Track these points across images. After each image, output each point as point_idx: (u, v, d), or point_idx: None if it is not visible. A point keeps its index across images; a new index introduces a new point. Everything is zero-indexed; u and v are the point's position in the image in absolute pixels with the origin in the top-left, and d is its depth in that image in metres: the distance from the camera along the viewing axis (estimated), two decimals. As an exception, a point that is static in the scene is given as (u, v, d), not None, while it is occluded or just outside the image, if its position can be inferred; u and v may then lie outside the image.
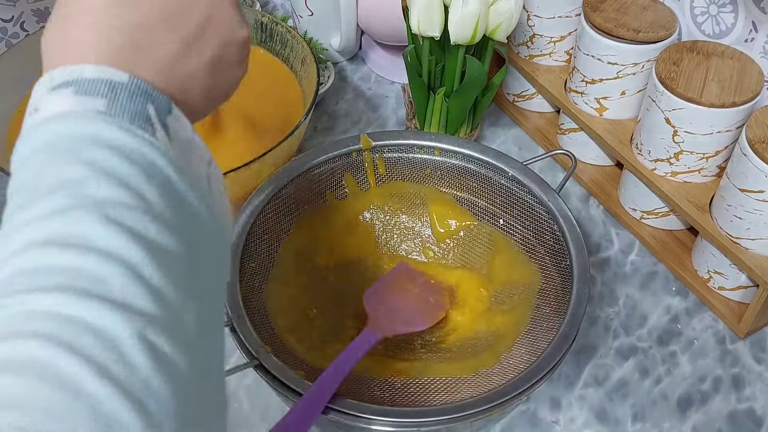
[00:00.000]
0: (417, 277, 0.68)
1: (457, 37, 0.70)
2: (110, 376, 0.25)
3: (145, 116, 0.31)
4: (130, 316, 0.27)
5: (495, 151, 0.69)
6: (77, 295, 0.26)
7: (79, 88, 0.31)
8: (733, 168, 0.66)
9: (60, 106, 0.30)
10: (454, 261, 0.71)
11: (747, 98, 0.66)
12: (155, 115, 0.32)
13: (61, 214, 0.28)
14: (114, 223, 0.28)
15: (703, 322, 0.72)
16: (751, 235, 0.66)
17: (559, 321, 0.58)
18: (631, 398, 0.67)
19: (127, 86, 0.31)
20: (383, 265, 0.70)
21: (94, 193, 0.29)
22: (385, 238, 0.71)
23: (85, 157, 0.29)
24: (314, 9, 0.93)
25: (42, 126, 0.30)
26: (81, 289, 0.27)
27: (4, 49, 0.90)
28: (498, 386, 0.54)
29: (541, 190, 0.66)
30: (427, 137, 0.70)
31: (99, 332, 0.26)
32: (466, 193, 0.71)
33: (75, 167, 0.29)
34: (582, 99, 0.80)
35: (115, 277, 0.27)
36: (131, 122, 0.31)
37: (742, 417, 0.66)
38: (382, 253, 0.71)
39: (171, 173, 0.31)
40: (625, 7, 0.75)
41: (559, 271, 0.63)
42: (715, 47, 0.71)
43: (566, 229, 0.63)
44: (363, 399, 0.53)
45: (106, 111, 0.30)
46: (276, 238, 0.66)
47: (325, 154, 0.69)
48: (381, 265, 0.70)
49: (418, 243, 0.72)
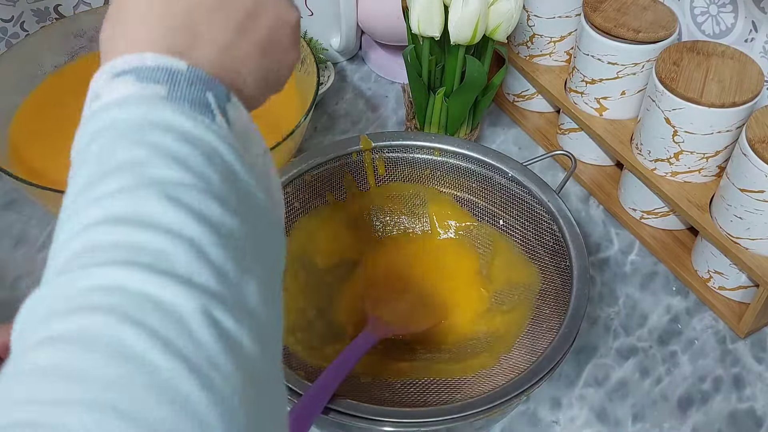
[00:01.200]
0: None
1: (457, 37, 0.70)
2: (176, 351, 0.25)
3: (205, 103, 0.32)
4: (194, 292, 0.27)
5: (495, 151, 0.69)
6: (142, 270, 0.26)
7: (140, 75, 0.31)
8: (733, 168, 0.66)
9: (123, 92, 0.31)
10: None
11: (747, 98, 0.66)
12: (215, 102, 0.32)
13: (126, 192, 0.29)
14: (176, 201, 0.29)
15: (703, 322, 0.72)
16: (751, 235, 0.66)
17: (559, 321, 0.58)
18: (631, 398, 0.67)
19: (186, 74, 0.32)
20: (383, 267, 0.70)
21: (158, 173, 0.29)
22: (384, 239, 0.71)
23: (149, 139, 0.30)
24: (314, 9, 0.93)
25: (106, 110, 0.31)
26: (146, 264, 0.27)
27: (4, 49, 0.90)
28: (498, 386, 0.54)
29: (540, 190, 0.66)
30: (427, 138, 0.70)
31: (164, 307, 0.26)
32: (466, 194, 0.71)
33: (139, 149, 0.30)
34: (582, 99, 0.80)
35: (179, 254, 0.27)
36: (192, 108, 0.31)
37: (742, 417, 0.66)
38: (381, 255, 0.71)
39: (231, 158, 0.32)
40: (625, 7, 0.75)
41: (558, 272, 0.63)
42: (715, 47, 0.71)
43: (566, 229, 0.63)
44: (362, 400, 0.53)
45: (167, 96, 0.31)
46: None
47: (325, 154, 0.69)
48: (380, 267, 0.70)
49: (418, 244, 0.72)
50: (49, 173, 0.69)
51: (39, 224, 0.79)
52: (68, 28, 0.78)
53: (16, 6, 0.89)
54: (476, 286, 0.68)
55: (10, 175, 0.63)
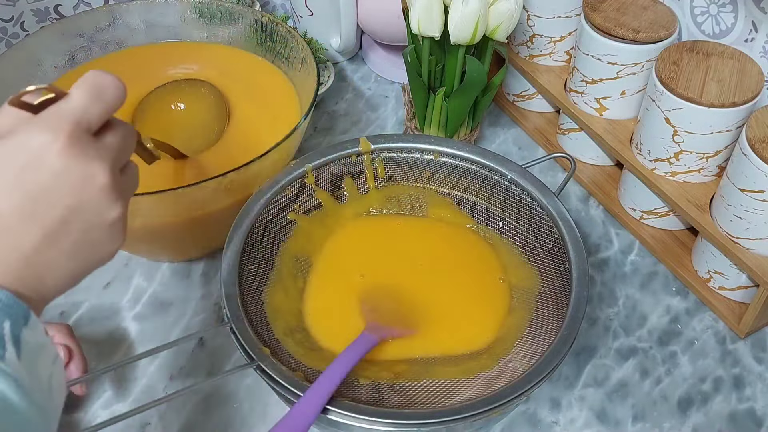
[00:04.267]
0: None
1: (457, 37, 0.70)
2: None
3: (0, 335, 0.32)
4: None
5: (494, 154, 0.69)
6: None
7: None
8: (733, 168, 0.65)
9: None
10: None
11: (747, 98, 0.66)
12: (9, 332, 0.32)
13: None
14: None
15: (703, 323, 0.72)
16: (751, 235, 0.66)
17: (558, 324, 0.58)
18: (631, 398, 0.67)
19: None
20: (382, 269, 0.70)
21: None
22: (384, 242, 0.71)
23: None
24: (314, 9, 0.93)
25: None
26: None
27: (4, 49, 0.90)
28: (496, 389, 0.54)
29: (540, 193, 0.66)
30: (426, 140, 0.70)
31: None
32: (465, 196, 0.71)
33: None
34: (582, 99, 0.79)
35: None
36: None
37: (742, 417, 0.66)
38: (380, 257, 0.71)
39: (12, 396, 0.32)
40: (625, 7, 0.75)
41: (558, 275, 0.63)
42: (715, 47, 0.71)
43: (565, 232, 0.63)
44: (361, 401, 0.53)
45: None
46: (275, 241, 0.66)
47: (325, 157, 0.69)
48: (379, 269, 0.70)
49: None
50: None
51: (39, 224, 0.79)
52: (68, 28, 0.78)
53: (16, 6, 0.89)
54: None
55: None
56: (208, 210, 0.66)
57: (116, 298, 0.73)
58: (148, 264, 0.76)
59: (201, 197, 0.64)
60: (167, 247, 0.73)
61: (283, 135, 0.66)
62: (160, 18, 0.82)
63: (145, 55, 0.82)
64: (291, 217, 0.68)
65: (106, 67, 0.79)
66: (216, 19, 0.82)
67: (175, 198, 0.62)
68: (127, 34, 0.82)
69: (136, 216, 0.63)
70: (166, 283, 0.74)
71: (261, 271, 0.64)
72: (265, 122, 0.76)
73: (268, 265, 0.64)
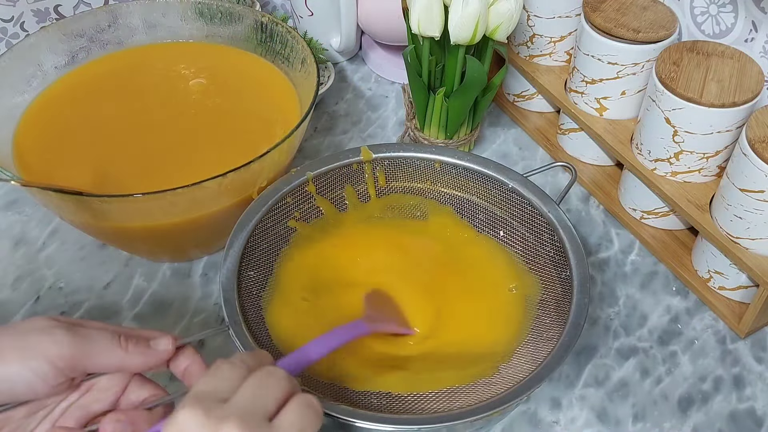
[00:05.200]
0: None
1: (457, 37, 0.70)
2: None
3: None
4: None
5: (495, 163, 0.69)
6: None
7: None
8: (733, 168, 0.65)
9: None
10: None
11: (747, 98, 0.66)
12: None
13: None
14: None
15: (703, 322, 0.72)
16: (751, 234, 0.66)
17: (559, 331, 0.58)
18: (631, 398, 0.67)
19: None
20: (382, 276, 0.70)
21: None
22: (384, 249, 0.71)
23: None
24: (314, 9, 0.93)
25: None
26: None
27: (4, 49, 0.90)
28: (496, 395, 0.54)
29: (541, 201, 0.66)
30: (427, 150, 0.71)
31: None
32: (466, 206, 0.71)
33: None
34: (582, 99, 0.80)
35: None
36: None
37: (742, 417, 0.66)
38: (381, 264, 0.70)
39: None
40: (625, 7, 0.75)
41: (559, 282, 0.63)
42: (715, 47, 0.71)
43: (566, 239, 0.63)
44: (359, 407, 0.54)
45: None
46: (275, 247, 0.66)
47: (326, 165, 0.69)
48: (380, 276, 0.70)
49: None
50: (50, 173, 0.69)
51: (39, 224, 0.79)
52: (68, 28, 0.78)
53: (16, 6, 0.89)
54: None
55: (12, 178, 0.63)
56: (208, 210, 0.66)
57: (116, 298, 0.73)
58: (148, 264, 0.76)
59: (201, 197, 0.64)
60: (167, 247, 0.73)
61: (283, 135, 0.66)
62: (160, 18, 0.82)
63: (145, 55, 0.82)
64: (291, 225, 0.68)
65: (106, 67, 0.81)
66: (216, 19, 0.82)
67: (174, 198, 0.62)
68: (127, 34, 0.82)
69: (136, 216, 0.63)
70: (166, 283, 0.74)
71: (260, 276, 0.64)
72: (265, 122, 0.76)
73: (267, 271, 0.65)
